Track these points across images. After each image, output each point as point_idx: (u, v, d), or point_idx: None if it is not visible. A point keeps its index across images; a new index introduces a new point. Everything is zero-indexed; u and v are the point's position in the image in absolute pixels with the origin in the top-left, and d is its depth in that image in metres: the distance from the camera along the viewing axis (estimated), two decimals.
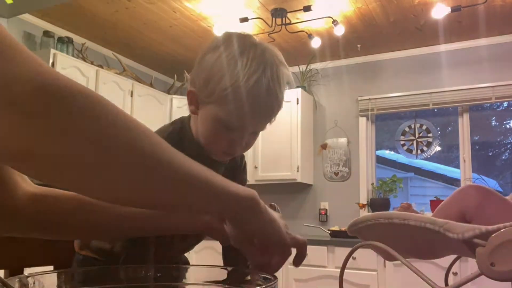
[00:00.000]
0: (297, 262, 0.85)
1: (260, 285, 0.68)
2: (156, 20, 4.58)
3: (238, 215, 0.69)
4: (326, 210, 5.29)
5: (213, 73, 1.11)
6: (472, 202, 1.16)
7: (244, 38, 1.15)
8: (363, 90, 5.32)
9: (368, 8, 4.24)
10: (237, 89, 1.06)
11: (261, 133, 1.27)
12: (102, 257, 1.05)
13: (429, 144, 5.12)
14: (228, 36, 1.16)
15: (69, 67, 4.38)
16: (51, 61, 4.22)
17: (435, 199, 4.42)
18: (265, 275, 0.70)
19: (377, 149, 5.39)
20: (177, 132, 1.21)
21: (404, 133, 5.24)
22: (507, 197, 1.26)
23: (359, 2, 4.14)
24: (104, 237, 1.00)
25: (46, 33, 4.55)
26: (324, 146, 5.42)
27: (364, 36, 4.84)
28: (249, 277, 0.79)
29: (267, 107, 1.13)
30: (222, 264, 0.93)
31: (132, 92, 5.02)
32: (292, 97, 5.16)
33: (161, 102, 5.45)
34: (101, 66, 4.83)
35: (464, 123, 4.94)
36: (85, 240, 1.04)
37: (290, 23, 4.47)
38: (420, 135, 5.16)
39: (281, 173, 5.11)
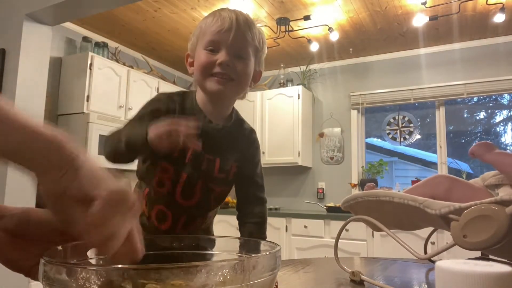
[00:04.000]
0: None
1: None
2: (178, 27, 4.56)
3: (36, 161, 0.40)
4: (323, 189, 5.29)
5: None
6: (442, 188, 1.16)
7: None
8: (355, 87, 5.29)
9: (359, 17, 4.20)
10: (205, 20, 1.18)
11: (267, 123, 1.23)
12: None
13: (410, 133, 5.10)
14: None
15: (104, 68, 4.38)
16: (89, 62, 4.22)
17: (415, 179, 4.42)
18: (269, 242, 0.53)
19: (366, 137, 5.36)
20: (181, 94, 1.22)
21: (389, 124, 5.21)
22: (470, 181, 1.26)
23: (351, 12, 4.10)
24: None
25: (85, 39, 4.55)
26: (321, 135, 5.41)
27: (355, 41, 4.80)
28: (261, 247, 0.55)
29: (238, 30, 1.13)
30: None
31: (158, 89, 5.02)
32: (294, 93, 5.15)
33: None
34: (131, 67, 4.83)
35: (440, 115, 4.92)
36: None
37: (292, 30, 4.45)
38: (403, 125, 5.14)
39: (284, 158, 5.10)
